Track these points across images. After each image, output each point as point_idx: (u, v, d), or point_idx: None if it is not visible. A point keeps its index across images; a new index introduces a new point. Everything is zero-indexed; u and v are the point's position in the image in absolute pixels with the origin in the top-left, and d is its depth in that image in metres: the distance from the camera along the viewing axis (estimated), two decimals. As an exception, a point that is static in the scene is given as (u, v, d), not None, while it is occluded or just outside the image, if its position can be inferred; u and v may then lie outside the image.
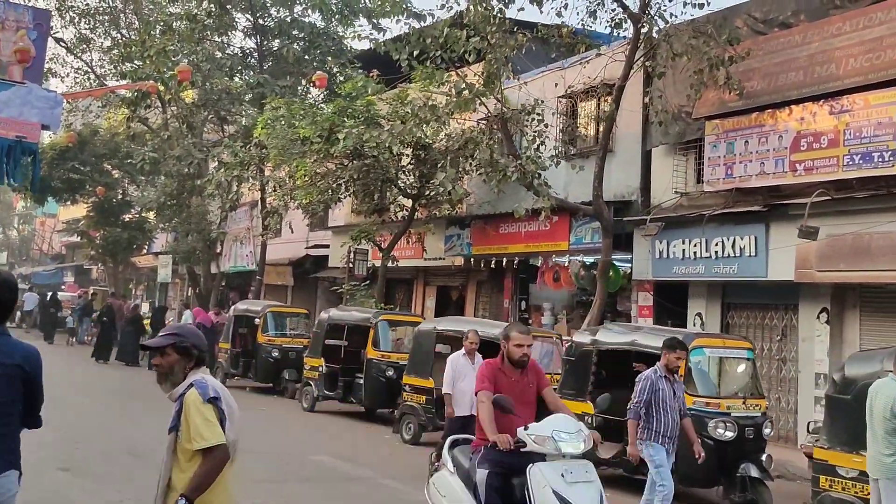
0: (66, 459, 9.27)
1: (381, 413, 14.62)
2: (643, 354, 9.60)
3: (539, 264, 18.04)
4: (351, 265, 19.30)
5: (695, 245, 13.91)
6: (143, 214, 36.01)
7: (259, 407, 15.18)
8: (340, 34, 24.61)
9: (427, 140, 16.11)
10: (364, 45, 16.13)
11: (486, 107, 14.95)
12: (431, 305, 22.18)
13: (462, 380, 8.98)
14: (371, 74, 14.27)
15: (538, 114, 15.28)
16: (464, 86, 14.10)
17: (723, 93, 13.51)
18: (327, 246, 25.26)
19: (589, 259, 16.26)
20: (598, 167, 14.49)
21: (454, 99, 14.47)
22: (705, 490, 9.19)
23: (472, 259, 18.84)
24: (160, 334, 4.02)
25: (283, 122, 17.32)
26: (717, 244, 13.53)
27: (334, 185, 18.08)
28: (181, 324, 4.05)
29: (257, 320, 17.19)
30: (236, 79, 25.96)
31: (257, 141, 20.90)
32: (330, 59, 23.38)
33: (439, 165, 16.09)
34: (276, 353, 16.90)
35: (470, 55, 13.90)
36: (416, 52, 14.55)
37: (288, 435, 12.45)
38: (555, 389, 7.29)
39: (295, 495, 8.76)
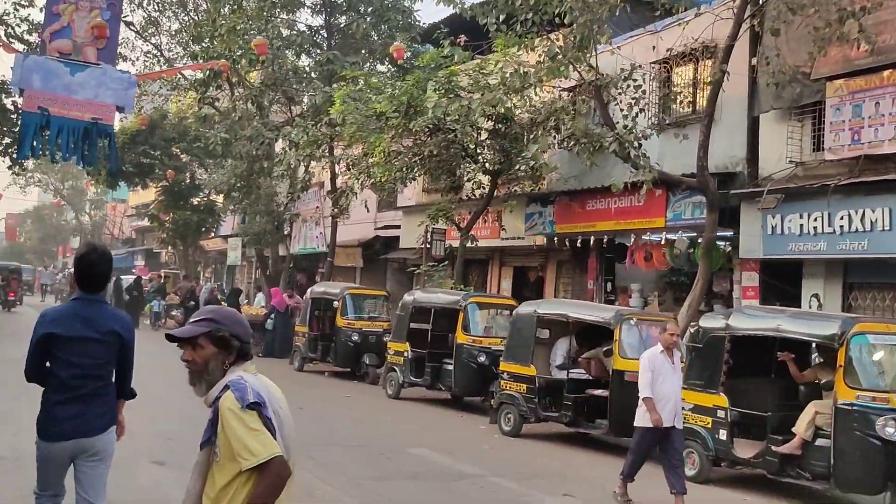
0: (159, 452, 8.38)
1: (470, 401, 13.51)
2: (789, 342, 8.27)
3: (629, 243, 16.71)
4: (428, 245, 18.17)
5: (815, 219, 12.40)
6: (212, 197, 35.56)
7: (343, 393, 14.22)
8: (409, 7, 23.39)
9: (513, 111, 14.81)
10: (442, 13, 14.79)
11: (579, 73, 13.62)
12: (508, 287, 20.97)
13: (662, 381, 7.45)
14: (458, 41, 13.05)
15: (634, 80, 13.91)
16: (557, 49, 12.78)
17: (848, 49, 11.98)
18: (398, 227, 24.24)
19: (688, 236, 14.88)
20: (702, 136, 13.05)
21: (545, 65, 13.15)
22: (871, 497, 7.86)
23: (555, 238, 17.56)
24: (192, 320, 2.93)
25: (360, 98, 16.20)
26: (842, 218, 12.02)
27: (411, 162, 16.95)
28: (217, 307, 3.08)
29: (336, 303, 16.19)
30: (303, 57, 25.05)
31: (329, 119, 19.96)
32: (399, 33, 22.23)
33: (531, 138, 14.82)
34: (356, 337, 15.89)
35: (565, 16, 12.59)
36: (502, 17, 13.32)
37: (379, 425, 11.42)
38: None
39: (404, 494, 7.69)
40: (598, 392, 10.19)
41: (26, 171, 35.58)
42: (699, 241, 14.43)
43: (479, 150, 17.32)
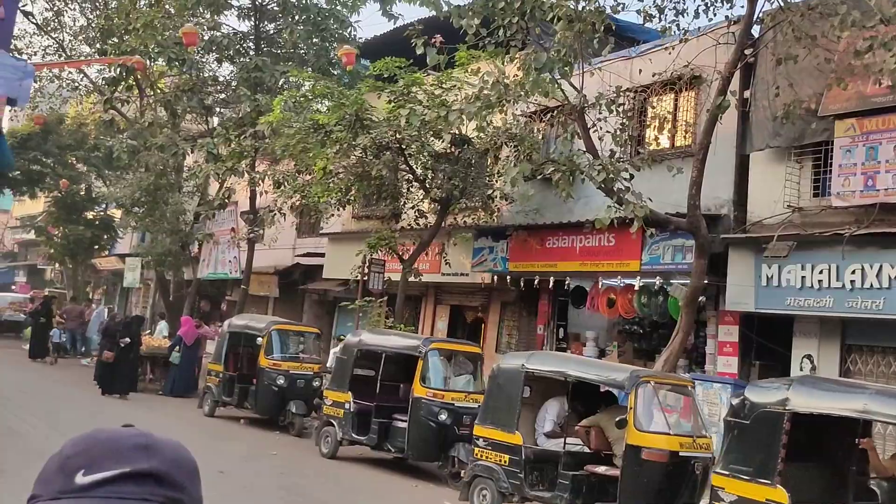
0: None
1: (426, 467, 11.33)
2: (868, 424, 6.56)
3: (588, 287, 15.02)
4: (365, 277, 15.97)
5: (820, 271, 10.96)
6: (109, 212, 32.16)
7: (267, 449, 11.78)
8: (347, 18, 21.32)
9: (474, 132, 12.93)
10: (417, 12, 12.92)
11: (562, 91, 11.87)
12: (443, 328, 18.94)
13: None
14: (434, 41, 11.12)
15: (621, 104, 12.31)
16: (545, 61, 10.98)
17: (862, 85, 10.70)
18: (321, 254, 21.90)
19: (663, 283, 13.27)
20: (696, 171, 11.49)
21: (529, 78, 11.32)
22: None
23: (507, 276, 15.67)
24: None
25: (301, 106, 13.98)
26: (853, 272, 10.61)
27: (351, 183, 14.78)
28: (157, 442, 1.07)
29: (259, 339, 13.73)
30: (225, 64, 22.59)
31: (254, 131, 17.58)
32: (336, 45, 20.13)
33: (496, 165, 12.96)
34: (281, 381, 13.45)
35: (554, 21, 10.84)
36: (478, 21, 11.47)
37: (321, 497, 9.10)
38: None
39: None
40: (602, 470, 8.24)
41: None
42: (670, 287, 12.94)
43: (428, 174, 15.35)
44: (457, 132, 13.85)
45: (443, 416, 10.32)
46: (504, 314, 17.65)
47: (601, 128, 12.46)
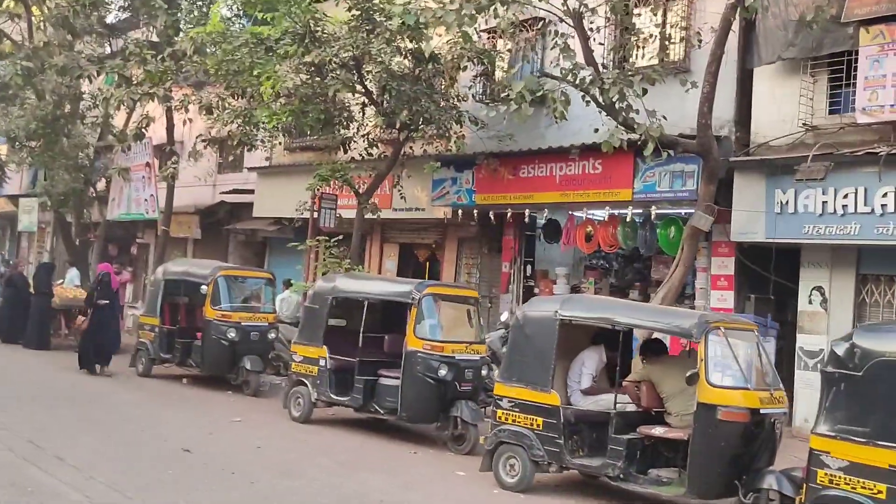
0: None
1: (418, 429, 9.84)
2: None
3: (563, 219, 13.71)
4: (316, 214, 14.10)
5: (845, 196, 9.94)
6: (-4, 148, 28.54)
7: (227, 415, 10.04)
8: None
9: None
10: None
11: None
12: (392, 268, 17.33)
13: None
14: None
15: (625, 5, 10.80)
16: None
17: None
18: (249, 191, 19.73)
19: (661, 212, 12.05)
20: (707, 86, 10.20)
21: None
22: None
23: (474, 210, 14.14)
24: None
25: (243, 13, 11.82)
26: (885, 195, 9.62)
27: (299, 107, 12.73)
28: None
29: (204, 287, 11.75)
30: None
31: (172, 50, 15.18)
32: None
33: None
34: (232, 334, 11.59)
35: None
36: None
37: (321, 475, 7.50)
38: None
39: None
40: (660, 432, 6.98)
41: None
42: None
43: (385, 97, 13.49)
44: (423, 45, 12.01)
45: (443, 372, 8.84)
46: (462, 251, 16.17)
47: (594, 39, 10.98)
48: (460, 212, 14.52)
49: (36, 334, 14.81)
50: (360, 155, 14.75)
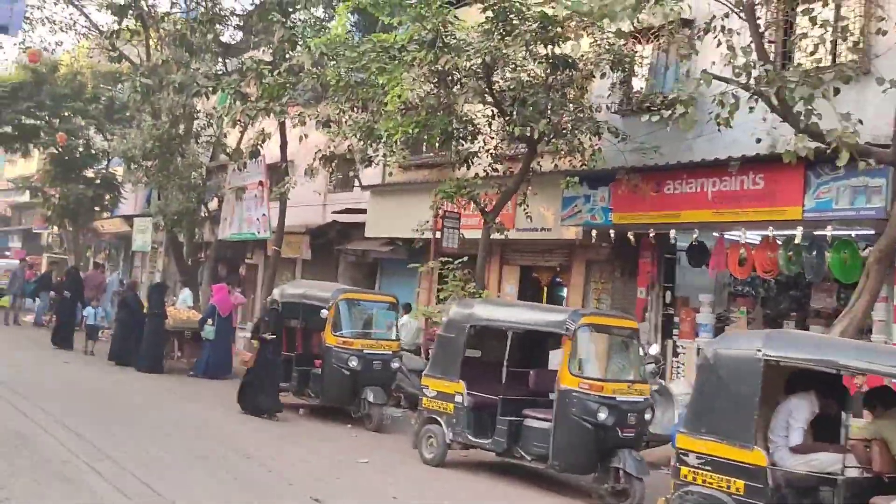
0: None
1: (570, 479, 8.61)
2: None
3: (711, 241, 12.26)
4: (438, 234, 13.12)
5: None
6: (112, 170, 29.05)
7: (353, 453, 9.06)
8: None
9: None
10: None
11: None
12: (513, 293, 16.13)
13: None
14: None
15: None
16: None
17: None
18: (361, 211, 18.99)
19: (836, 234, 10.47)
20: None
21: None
22: None
23: (611, 230, 12.86)
24: None
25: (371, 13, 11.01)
26: None
27: (426, 118, 11.76)
28: None
29: (325, 311, 10.90)
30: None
31: (289, 65, 14.61)
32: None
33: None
34: (353, 363, 10.68)
35: None
36: None
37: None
38: None
39: None
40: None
41: None
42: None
43: (514, 108, 12.39)
44: (557, 49, 10.91)
45: (602, 415, 7.60)
46: (591, 275, 14.87)
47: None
48: (594, 232, 13.24)
49: (149, 357, 14.33)
50: (485, 171, 13.72)
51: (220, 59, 20.11)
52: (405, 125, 11.29)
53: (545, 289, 15.91)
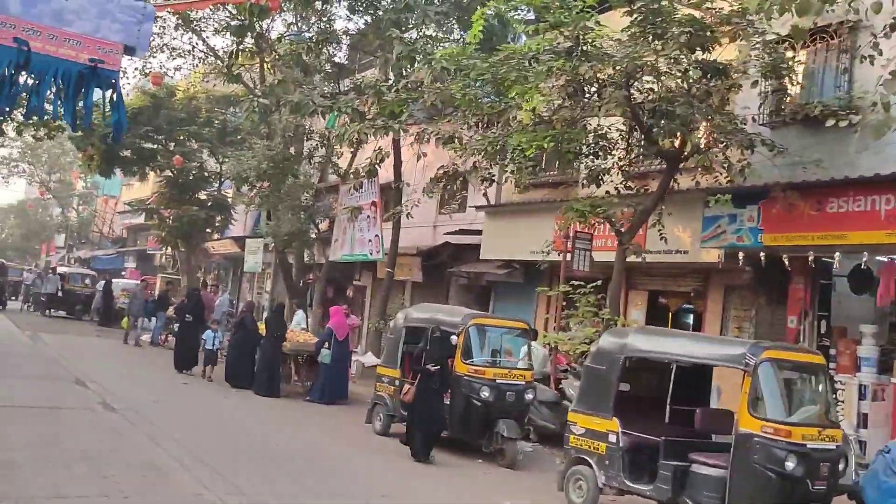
0: None
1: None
2: None
3: (878, 265, 10.98)
4: (569, 256, 12.28)
5: None
6: (223, 192, 29.51)
7: (493, 494, 8.26)
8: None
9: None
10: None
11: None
12: (639, 319, 15.07)
13: None
14: None
15: None
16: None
17: None
18: (475, 232, 18.32)
19: None
20: None
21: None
22: None
23: (761, 253, 11.71)
24: None
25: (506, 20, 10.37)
26: None
27: (563, 132, 10.95)
28: None
29: (454, 338, 10.20)
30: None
31: (408, 82, 14.18)
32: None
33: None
34: (486, 393, 9.91)
35: None
36: None
37: None
38: None
39: None
40: None
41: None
42: None
43: (654, 121, 11.46)
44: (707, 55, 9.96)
45: (790, 465, 6.56)
46: (730, 301, 13.68)
47: None
48: (741, 255, 12.10)
49: (266, 380, 13.97)
50: (616, 189, 12.82)
51: (333, 80, 19.97)
52: (539, 139, 10.52)
53: (670, 315, 14.83)
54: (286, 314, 19.83)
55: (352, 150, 19.74)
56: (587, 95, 10.84)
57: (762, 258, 11.69)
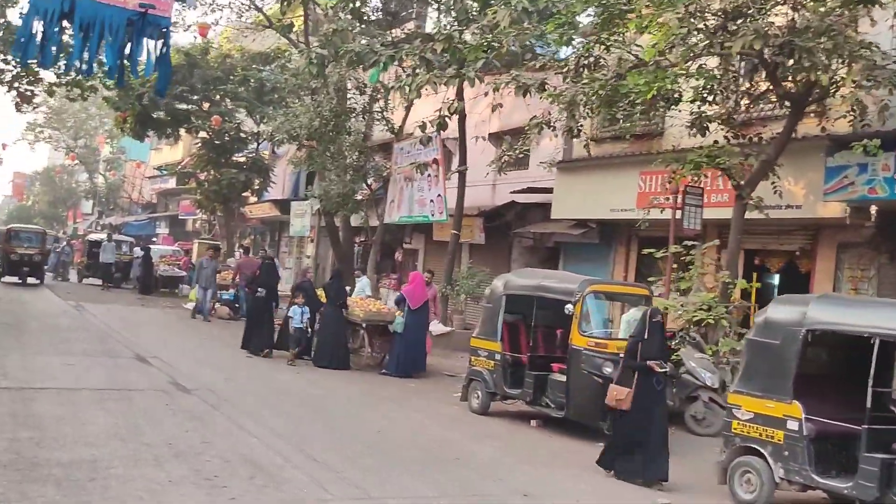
0: None
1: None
2: None
3: None
4: (679, 214, 10.99)
5: None
6: (262, 153, 28.32)
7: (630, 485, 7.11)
8: None
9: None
10: None
11: None
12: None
13: None
14: None
15: None
16: None
17: None
18: (543, 189, 17.01)
19: None
20: None
21: None
22: None
23: (900, 205, 10.39)
24: None
25: None
26: None
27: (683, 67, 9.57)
28: None
29: (570, 307, 8.97)
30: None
31: (482, 24, 12.84)
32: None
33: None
34: (608, 369, 8.74)
35: None
36: None
37: None
38: None
39: None
40: None
41: (35, 105, 27.74)
42: None
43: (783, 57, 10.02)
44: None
45: None
46: (843, 261, 12.41)
47: None
48: (873, 208, 10.78)
49: (332, 351, 12.82)
50: (726, 137, 11.48)
51: (386, 29, 18.57)
52: (660, 80, 9.17)
53: (780, 275, 13.57)
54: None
55: (405, 105, 18.44)
56: (714, 31, 9.44)
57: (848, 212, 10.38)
